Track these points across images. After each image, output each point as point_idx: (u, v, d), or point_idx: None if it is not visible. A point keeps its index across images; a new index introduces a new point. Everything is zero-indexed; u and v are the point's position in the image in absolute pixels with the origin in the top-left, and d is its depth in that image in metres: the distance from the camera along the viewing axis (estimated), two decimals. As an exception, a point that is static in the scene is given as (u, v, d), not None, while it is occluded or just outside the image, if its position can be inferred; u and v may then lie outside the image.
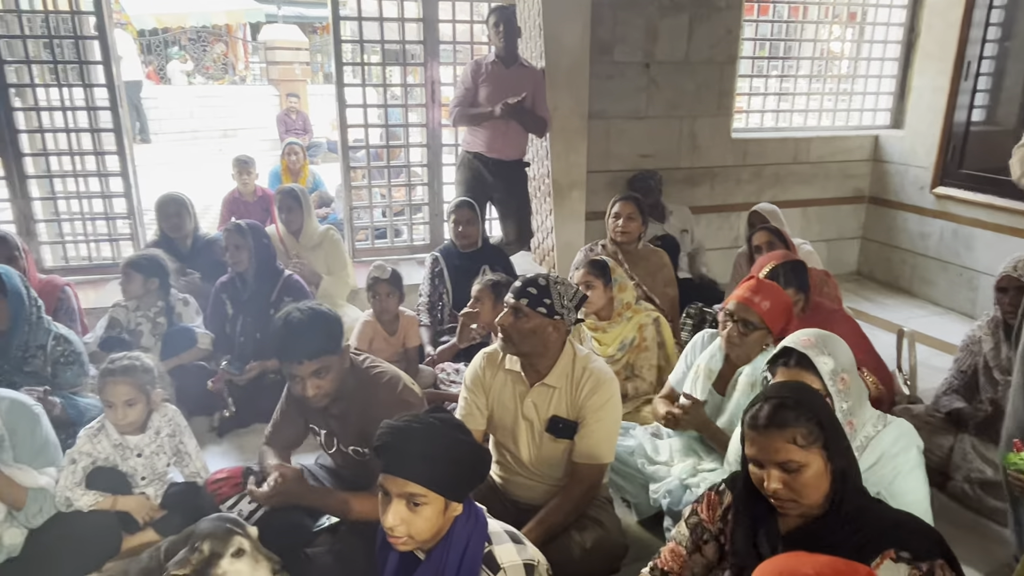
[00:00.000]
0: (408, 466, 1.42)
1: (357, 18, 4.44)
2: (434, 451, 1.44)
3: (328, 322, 2.02)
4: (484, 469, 1.59)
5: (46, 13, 4.11)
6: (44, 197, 4.38)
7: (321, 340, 1.97)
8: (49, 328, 2.63)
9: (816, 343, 1.84)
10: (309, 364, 1.96)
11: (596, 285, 2.93)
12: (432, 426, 1.47)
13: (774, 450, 1.44)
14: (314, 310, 2.02)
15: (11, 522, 2.07)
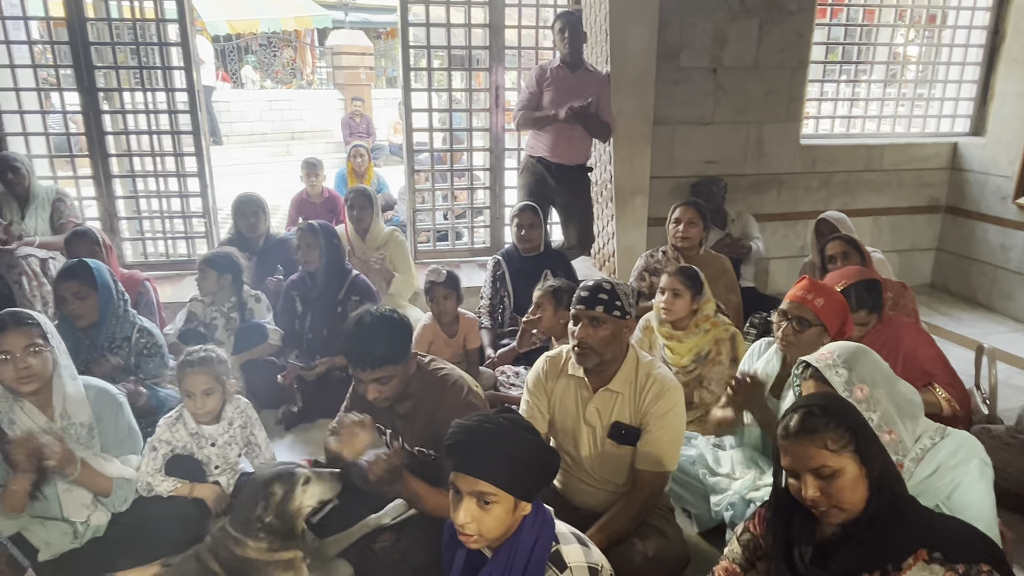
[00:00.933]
0: (479, 465, 1.45)
1: (425, 24, 4.52)
2: (505, 451, 1.46)
3: (398, 331, 2.05)
4: (553, 470, 1.60)
5: (134, 21, 4.33)
6: (127, 196, 4.61)
7: (387, 349, 2.01)
8: (134, 321, 2.77)
9: (833, 356, 1.84)
10: (373, 372, 2.01)
11: (683, 294, 2.88)
12: (503, 426, 1.49)
13: (807, 457, 1.45)
14: (386, 317, 2.05)
15: (98, 506, 2.18)
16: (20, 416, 2.04)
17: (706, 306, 3.00)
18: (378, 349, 2.00)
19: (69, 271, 2.64)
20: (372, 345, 2.00)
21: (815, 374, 1.85)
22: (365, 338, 2.00)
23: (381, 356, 2.00)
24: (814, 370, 1.85)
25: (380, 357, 2.00)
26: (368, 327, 2.01)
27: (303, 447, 3.02)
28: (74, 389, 2.10)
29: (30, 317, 2.04)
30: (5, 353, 1.97)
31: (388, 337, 2.02)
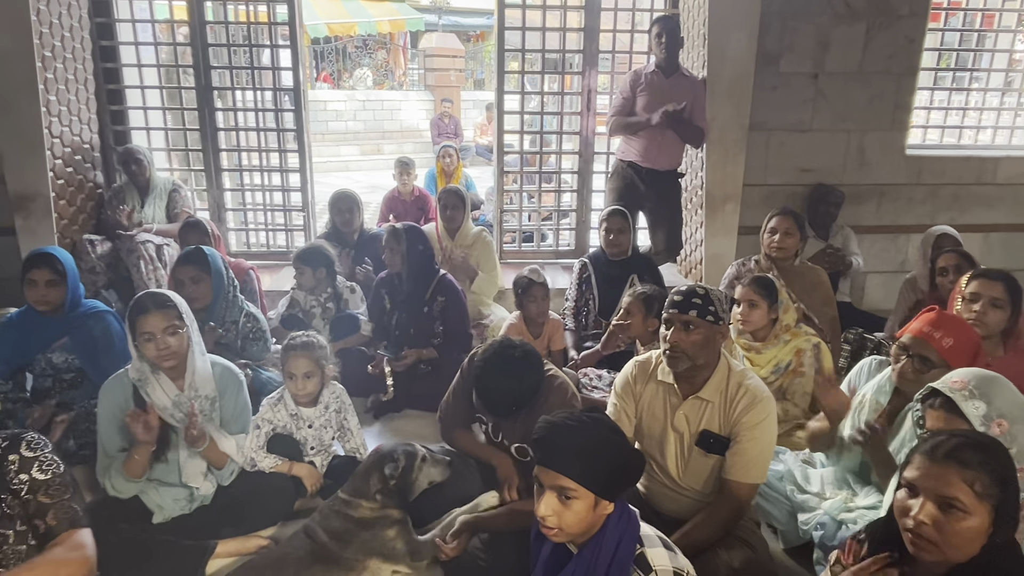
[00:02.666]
0: (560, 460, 1.48)
1: (521, 28, 4.59)
2: (586, 448, 1.48)
3: (533, 376, 2.22)
4: (636, 472, 1.61)
5: (248, 24, 4.59)
6: (233, 188, 4.89)
7: (522, 400, 2.20)
8: (241, 306, 2.95)
9: (968, 385, 1.69)
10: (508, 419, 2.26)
11: (759, 304, 2.83)
12: (586, 424, 1.52)
13: (944, 482, 1.33)
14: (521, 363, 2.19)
15: (207, 476, 2.34)
16: (155, 387, 2.21)
17: (785, 316, 2.92)
18: (515, 401, 2.18)
19: (187, 257, 2.84)
20: (510, 398, 2.17)
21: (945, 404, 1.71)
22: (505, 391, 2.17)
23: (519, 407, 2.19)
24: (944, 399, 1.71)
25: (518, 408, 2.19)
26: (506, 379, 2.17)
27: (390, 435, 3.12)
28: (202, 365, 2.27)
29: (169, 300, 2.21)
30: (148, 334, 2.14)
31: (527, 386, 2.19)
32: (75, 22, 4.03)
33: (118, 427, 2.24)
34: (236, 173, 4.90)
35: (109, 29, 4.38)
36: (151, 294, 2.22)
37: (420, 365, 3.38)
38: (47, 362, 2.81)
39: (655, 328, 2.82)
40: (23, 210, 3.91)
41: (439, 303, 3.36)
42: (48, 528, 1.64)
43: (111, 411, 2.26)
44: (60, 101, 3.96)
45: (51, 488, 1.65)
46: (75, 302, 2.82)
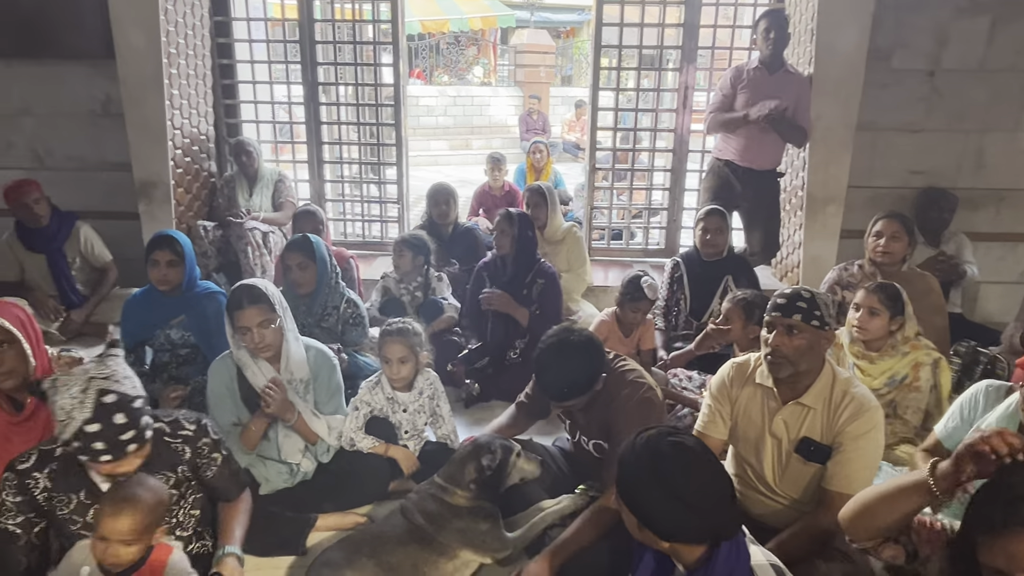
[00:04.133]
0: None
1: (619, 24, 4.55)
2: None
3: (588, 361, 2.15)
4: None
5: (353, 22, 4.77)
6: (333, 180, 5.09)
7: (577, 384, 2.14)
8: (343, 292, 3.08)
9: None
10: (561, 404, 2.20)
11: (881, 313, 2.68)
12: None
13: None
14: (578, 346, 2.15)
15: (306, 454, 2.47)
16: (255, 371, 2.35)
17: (907, 327, 2.77)
18: (568, 384, 2.14)
19: (295, 244, 2.99)
20: (563, 380, 2.13)
21: None
22: (557, 372, 2.14)
23: (570, 391, 2.14)
24: None
25: (569, 392, 2.14)
26: (560, 360, 2.13)
27: (478, 427, 3.17)
28: (297, 350, 2.39)
29: (263, 294, 2.32)
30: (244, 328, 2.28)
31: (578, 371, 2.13)
32: (197, 20, 4.30)
33: (226, 404, 2.40)
34: (336, 165, 5.09)
35: (226, 27, 4.65)
36: (246, 288, 2.33)
37: (510, 355, 3.43)
38: (165, 338, 3.02)
39: (755, 335, 2.74)
40: (146, 196, 4.21)
41: (538, 286, 3.44)
42: (222, 491, 2.02)
43: (219, 389, 2.41)
44: (181, 95, 4.23)
45: (230, 465, 2.01)
46: (192, 282, 3.02)
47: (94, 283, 4.08)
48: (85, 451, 1.62)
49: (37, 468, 1.74)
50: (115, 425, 1.62)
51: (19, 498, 1.72)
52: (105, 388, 1.63)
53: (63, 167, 4.48)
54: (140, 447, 1.70)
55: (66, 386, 1.62)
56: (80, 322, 3.94)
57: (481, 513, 2.19)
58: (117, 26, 3.89)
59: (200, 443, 1.91)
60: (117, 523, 1.64)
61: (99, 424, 1.60)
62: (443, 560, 2.12)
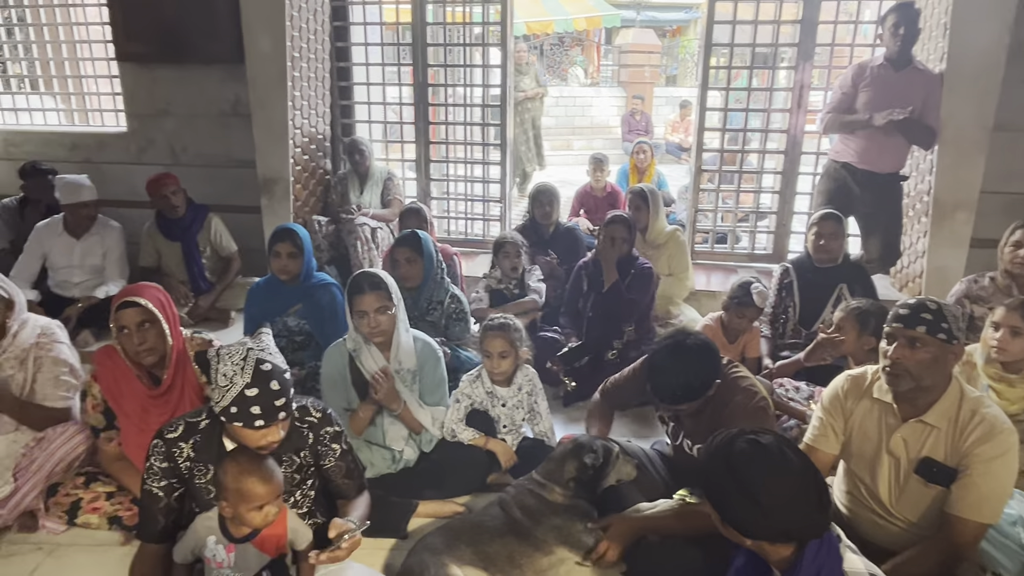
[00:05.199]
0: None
1: (731, 22, 4.43)
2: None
3: (705, 365, 2.12)
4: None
5: (464, 25, 4.88)
6: (439, 178, 5.23)
7: (693, 388, 2.11)
8: (447, 288, 3.17)
9: None
10: (675, 407, 2.18)
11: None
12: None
13: None
14: (695, 350, 2.12)
15: (409, 442, 2.56)
16: (367, 357, 2.46)
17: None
18: (682, 388, 2.11)
19: (404, 239, 3.11)
20: (676, 384, 2.11)
21: None
22: (671, 374, 2.11)
23: (684, 395, 2.11)
24: None
25: (683, 396, 2.12)
26: (675, 363, 2.11)
27: (575, 425, 3.19)
28: (407, 340, 2.49)
29: (382, 281, 2.44)
30: (362, 312, 2.40)
31: (693, 375, 2.10)
32: (319, 26, 4.53)
33: (339, 390, 2.52)
34: (442, 164, 5.23)
35: (344, 32, 4.87)
36: (367, 275, 2.46)
37: (608, 354, 3.42)
38: (283, 324, 3.21)
39: (871, 347, 2.61)
40: (268, 192, 4.48)
41: (630, 277, 3.42)
42: (342, 487, 2.08)
43: (332, 375, 2.54)
44: (303, 97, 4.48)
45: (347, 458, 2.07)
46: (309, 273, 3.20)
47: (220, 271, 4.39)
48: (241, 416, 1.75)
49: (183, 438, 1.90)
50: (270, 391, 1.75)
51: (165, 464, 1.89)
52: (262, 358, 1.77)
53: (195, 163, 4.84)
54: (287, 416, 1.82)
55: (229, 355, 1.77)
56: (206, 307, 4.24)
57: (578, 512, 2.20)
58: (248, 32, 4.16)
59: (323, 431, 2.01)
60: (251, 486, 1.77)
61: (256, 389, 1.73)
62: (539, 555, 2.14)
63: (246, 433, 1.81)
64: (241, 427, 1.79)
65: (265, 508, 1.81)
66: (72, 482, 2.36)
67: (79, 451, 2.38)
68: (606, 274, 3.43)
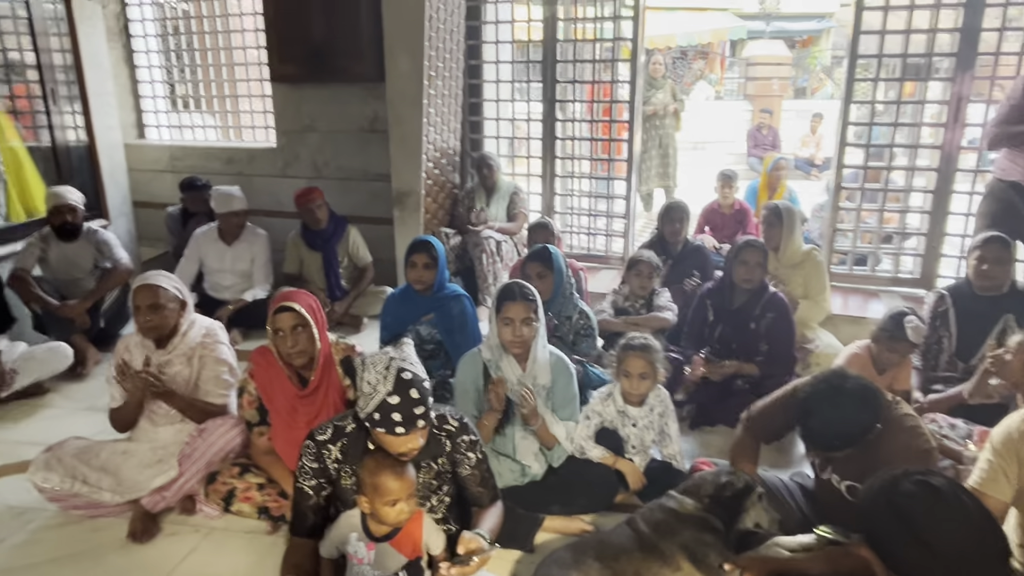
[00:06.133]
0: None
1: (880, 32, 4.19)
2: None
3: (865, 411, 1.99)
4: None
5: (595, 42, 4.90)
6: (563, 193, 5.26)
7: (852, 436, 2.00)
8: (576, 303, 3.17)
9: None
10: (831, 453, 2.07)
11: None
12: None
13: None
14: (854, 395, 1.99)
15: (539, 456, 2.57)
16: (503, 366, 2.50)
17: None
18: (838, 435, 1.99)
19: (536, 254, 3.15)
20: (832, 431, 1.99)
21: None
22: (826, 421, 1.99)
23: (840, 443, 2.00)
24: None
25: (839, 444, 2.00)
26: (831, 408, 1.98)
27: (701, 450, 3.09)
28: (543, 354, 2.51)
29: (532, 293, 2.48)
30: (508, 319, 2.44)
31: (851, 422, 1.98)
32: (454, 45, 4.70)
33: (471, 398, 2.58)
34: (567, 179, 5.26)
35: (476, 50, 5.02)
36: (520, 284, 2.50)
37: (737, 381, 3.29)
38: (415, 333, 3.32)
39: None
40: (400, 204, 4.67)
41: (767, 320, 3.23)
42: (476, 495, 2.12)
43: (465, 384, 2.60)
44: (436, 113, 4.64)
45: (483, 465, 2.11)
46: (442, 284, 3.30)
47: (354, 280, 4.62)
48: (384, 422, 1.83)
49: (332, 441, 2.01)
50: (411, 399, 1.83)
51: (315, 464, 2.00)
52: (403, 367, 1.85)
53: (334, 176, 5.14)
54: (425, 425, 1.89)
55: (373, 364, 1.87)
56: (341, 313, 4.47)
57: (708, 525, 2.14)
58: (389, 53, 4.37)
59: (460, 439, 2.07)
60: (385, 481, 1.85)
61: (398, 396, 1.82)
62: (666, 570, 2.09)
63: (388, 439, 1.88)
64: (383, 433, 1.87)
65: (398, 505, 1.88)
66: (228, 472, 2.54)
67: (235, 443, 2.57)
68: (735, 303, 3.30)
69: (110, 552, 2.44)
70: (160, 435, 2.67)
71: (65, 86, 4.76)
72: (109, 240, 4.25)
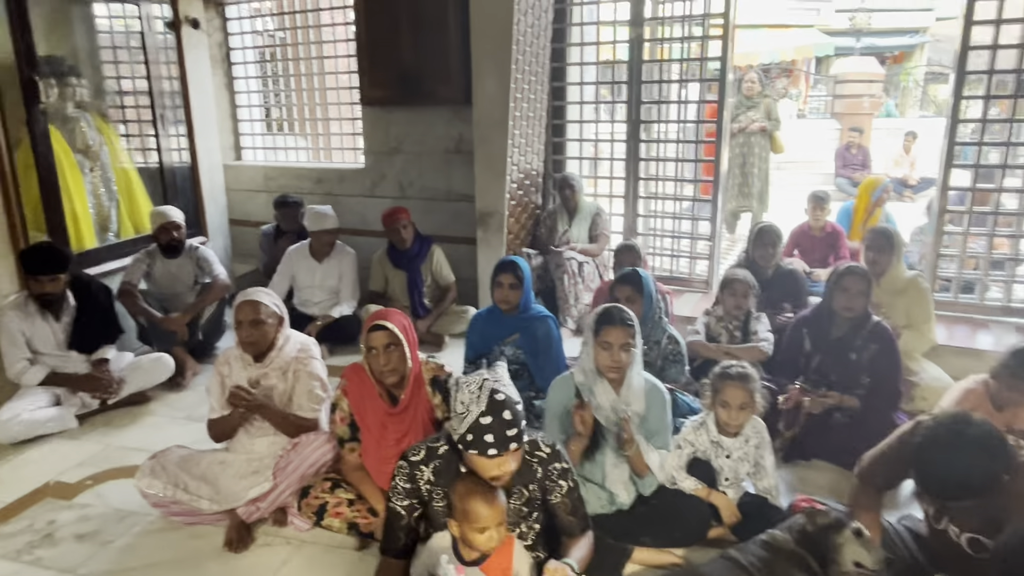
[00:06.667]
0: None
1: (991, 47, 3.96)
2: None
3: (993, 461, 1.83)
4: None
5: (681, 61, 4.84)
6: (646, 214, 5.19)
7: (968, 488, 1.85)
8: (665, 328, 3.10)
9: None
10: None
11: None
12: None
13: None
14: (980, 443, 1.83)
15: (628, 485, 2.50)
16: (596, 391, 2.46)
17: None
18: (959, 485, 1.85)
19: (626, 277, 3.11)
20: (952, 480, 1.84)
21: None
22: (946, 469, 1.84)
23: (961, 493, 1.86)
24: None
25: (960, 494, 1.87)
26: (952, 456, 1.84)
27: (798, 484, 2.94)
28: (638, 381, 2.46)
29: (631, 319, 2.43)
30: (607, 344, 2.40)
31: (975, 471, 1.82)
32: (540, 67, 4.73)
33: (560, 422, 2.54)
34: (650, 200, 5.18)
35: (561, 72, 5.04)
36: (619, 309, 2.46)
37: (836, 414, 3.13)
38: (500, 353, 3.32)
39: None
40: (484, 225, 4.71)
41: (870, 351, 3.06)
42: (567, 524, 2.09)
43: (556, 407, 2.56)
44: (521, 134, 4.67)
45: (574, 494, 2.08)
46: (527, 305, 3.30)
47: (437, 298, 4.67)
48: (476, 444, 1.83)
49: (424, 462, 2.02)
50: (503, 420, 1.82)
51: (408, 485, 2.01)
52: (496, 389, 1.85)
53: (419, 196, 5.24)
54: (518, 447, 1.87)
55: (466, 384, 1.88)
56: (423, 331, 4.52)
57: (803, 563, 2.04)
58: (477, 76, 4.44)
59: (551, 466, 2.04)
60: (475, 507, 1.84)
61: (491, 417, 1.81)
62: None
63: (481, 461, 1.87)
64: (476, 455, 1.86)
65: (487, 532, 1.86)
66: (320, 486, 2.59)
67: (327, 458, 2.62)
68: (834, 332, 3.14)
69: (208, 559, 2.52)
70: (256, 447, 2.75)
71: (172, 111, 5.06)
72: (208, 257, 4.46)
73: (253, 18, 5.83)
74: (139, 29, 4.77)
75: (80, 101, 4.48)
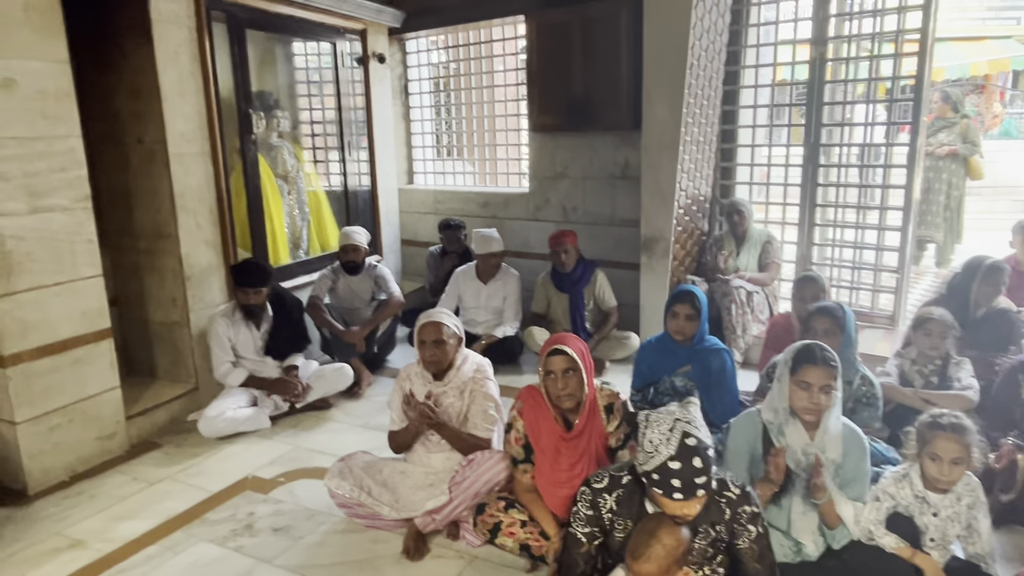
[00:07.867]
0: None
1: None
2: None
3: None
4: None
5: (869, 81, 4.53)
6: (822, 243, 4.87)
7: None
8: (858, 367, 2.88)
9: None
10: None
11: None
12: None
13: None
14: None
15: (816, 534, 2.33)
16: (789, 431, 2.33)
17: None
18: None
19: (827, 309, 2.94)
20: None
21: None
22: None
23: None
24: None
25: None
26: None
27: (1014, 552, 2.60)
28: (835, 426, 2.29)
29: (834, 359, 2.28)
30: (806, 384, 2.26)
31: None
32: (712, 91, 4.62)
33: (744, 462, 2.42)
34: (827, 228, 4.87)
35: (732, 95, 4.88)
36: (822, 347, 2.32)
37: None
38: (670, 383, 3.23)
39: None
40: (648, 250, 4.65)
41: None
42: (751, 571, 2.00)
43: (740, 446, 2.44)
44: (690, 159, 4.58)
45: (763, 540, 1.98)
46: (702, 337, 3.20)
47: (599, 323, 4.66)
48: (662, 485, 1.79)
49: (607, 490, 2.00)
50: (693, 467, 1.77)
51: (590, 512, 2.00)
52: (688, 431, 1.80)
53: (582, 221, 5.27)
54: (705, 493, 1.81)
55: (657, 423, 1.84)
56: (584, 355, 4.52)
57: None
58: (647, 102, 4.41)
59: (740, 508, 1.95)
60: (651, 550, 1.78)
61: (680, 463, 1.77)
62: None
63: (664, 501, 1.82)
64: (660, 495, 1.81)
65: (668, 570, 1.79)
66: (495, 505, 2.64)
67: (501, 477, 2.67)
68: None
69: (387, 564, 2.65)
70: (432, 461, 2.87)
71: (357, 138, 5.47)
72: (385, 275, 4.75)
73: (430, 51, 6.20)
74: (331, 65, 5.22)
75: (282, 131, 4.98)
